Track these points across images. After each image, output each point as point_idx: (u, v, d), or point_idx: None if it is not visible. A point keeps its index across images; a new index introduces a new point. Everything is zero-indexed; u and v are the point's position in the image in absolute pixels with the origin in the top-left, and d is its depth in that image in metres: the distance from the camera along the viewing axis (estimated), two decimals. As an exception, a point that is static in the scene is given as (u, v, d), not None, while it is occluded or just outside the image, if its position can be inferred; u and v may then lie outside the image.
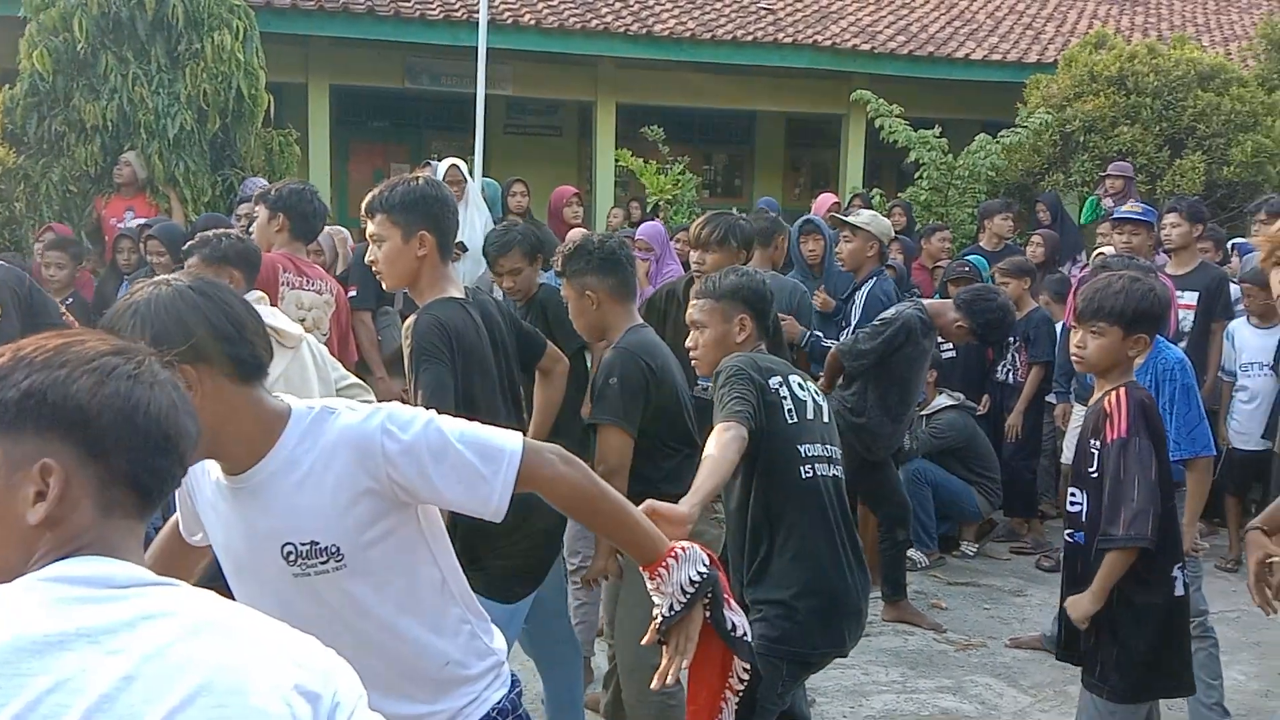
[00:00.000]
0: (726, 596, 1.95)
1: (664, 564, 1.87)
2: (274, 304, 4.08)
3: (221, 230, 4.10)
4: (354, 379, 3.94)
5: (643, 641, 1.96)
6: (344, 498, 1.72)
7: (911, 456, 5.92)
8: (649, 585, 1.89)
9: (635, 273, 3.45)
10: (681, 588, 1.87)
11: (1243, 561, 6.10)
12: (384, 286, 3.07)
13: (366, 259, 2.95)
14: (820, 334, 5.37)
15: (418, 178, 2.94)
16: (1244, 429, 6.10)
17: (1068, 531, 3.08)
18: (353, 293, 5.69)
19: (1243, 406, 6.10)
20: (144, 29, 7.56)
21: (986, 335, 5.08)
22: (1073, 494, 3.06)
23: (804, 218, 6.77)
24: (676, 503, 2.30)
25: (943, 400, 6.28)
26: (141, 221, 6.78)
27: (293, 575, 1.76)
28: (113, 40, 7.53)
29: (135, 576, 1.14)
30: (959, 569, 6.09)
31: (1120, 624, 2.92)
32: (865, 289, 5.71)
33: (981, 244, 8.02)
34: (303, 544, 1.74)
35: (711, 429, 2.77)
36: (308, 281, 4.58)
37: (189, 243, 4.05)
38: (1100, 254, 5.37)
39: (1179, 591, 2.99)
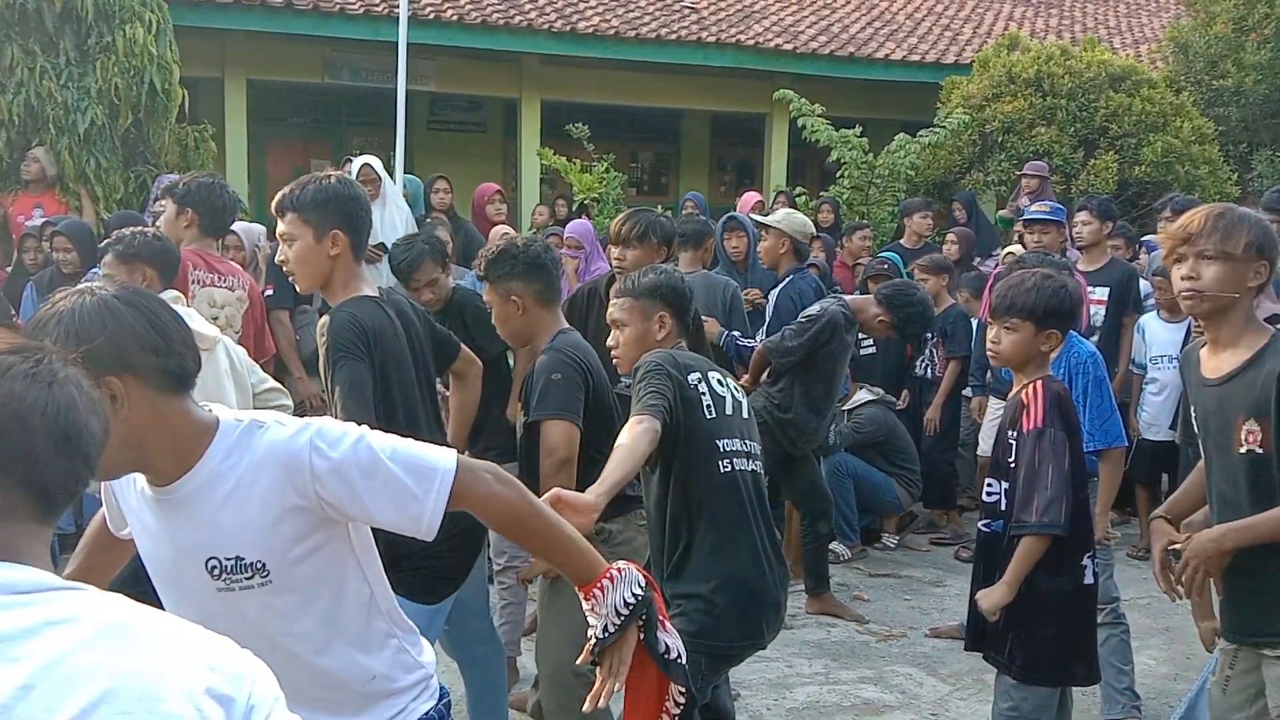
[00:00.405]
0: (662, 619, 1.94)
1: (599, 585, 1.85)
2: (185, 303, 4.00)
3: (137, 228, 4.00)
4: (273, 383, 3.87)
5: (577, 662, 1.94)
6: (271, 514, 1.69)
7: (834, 450, 5.99)
8: (584, 606, 1.88)
9: (559, 276, 3.40)
10: (616, 609, 1.85)
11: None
12: (297, 288, 3.01)
13: (277, 259, 2.88)
14: (738, 334, 5.40)
15: (329, 176, 2.87)
16: (1154, 420, 6.28)
17: (984, 521, 3.15)
18: (269, 291, 5.60)
19: (1152, 398, 6.27)
20: (52, 21, 7.34)
21: (906, 329, 5.16)
22: (990, 484, 3.12)
23: (727, 215, 6.82)
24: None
25: (863, 395, 6.37)
26: (46, 219, 6.59)
27: (216, 589, 1.73)
28: (19, 33, 7.30)
29: (39, 581, 1.10)
30: (880, 561, 6.19)
31: (1028, 611, 2.98)
32: (777, 290, 5.79)
33: (902, 242, 8.15)
34: (227, 559, 1.71)
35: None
36: (219, 278, 4.49)
37: (104, 241, 3.96)
38: (1010, 252, 5.47)
39: (1088, 580, 3.06)
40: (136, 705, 1.04)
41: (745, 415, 3.03)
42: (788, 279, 5.78)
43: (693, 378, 2.92)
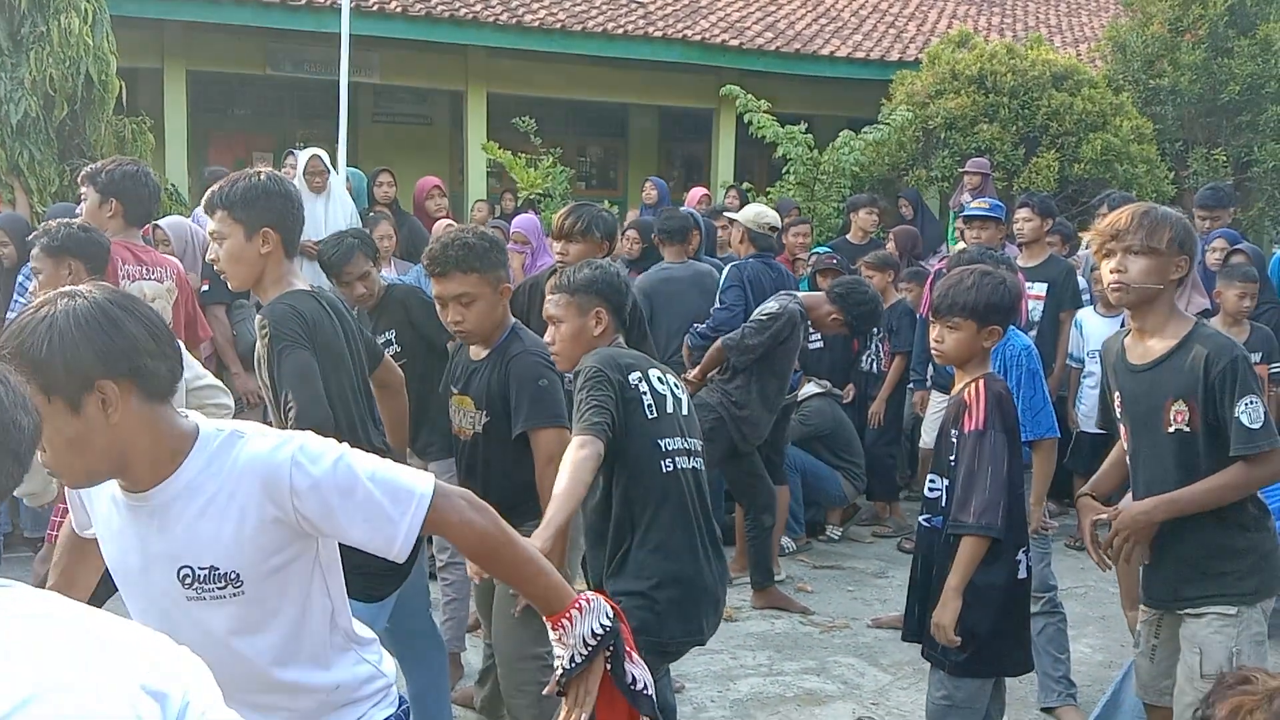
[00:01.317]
0: (629, 650, 1.95)
1: (568, 615, 1.86)
2: None
3: (62, 220, 3.92)
4: (211, 380, 3.80)
5: (544, 693, 1.96)
6: (249, 526, 1.70)
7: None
8: (551, 636, 1.89)
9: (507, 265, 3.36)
10: (584, 640, 1.86)
11: (1091, 539, 6.43)
12: (229, 286, 2.97)
13: (208, 257, 2.85)
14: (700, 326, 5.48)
15: (260, 173, 2.83)
16: (1091, 412, 6.38)
17: (924, 516, 3.18)
18: (205, 287, 5.52)
19: (1090, 391, 6.38)
20: (-17, 10, 7.19)
21: (858, 326, 5.21)
22: (932, 479, 3.16)
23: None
24: None
25: (811, 388, 6.42)
26: None
27: (185, 598, 1.73)
28: (-51, 21, 7.14)
29: None
30: (824, 553, 6.24)
31: (963, 604, 3.02)
32: (725, 271, 5.88)
33: (848, 237, 8.22)
34: (201, 568, 1.71)
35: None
36: (148, 270, 4.39)
37: (32, 234, 3.88)
38: (964, 250, 5.53)
39: (1021, 574, 3.11)
40: (66, 702, 1.04)
41: (685, 412, 3.04)
42: (734, 263, 5.85)
43: (633, 377, 2.92)
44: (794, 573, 5.78)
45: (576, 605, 1.87)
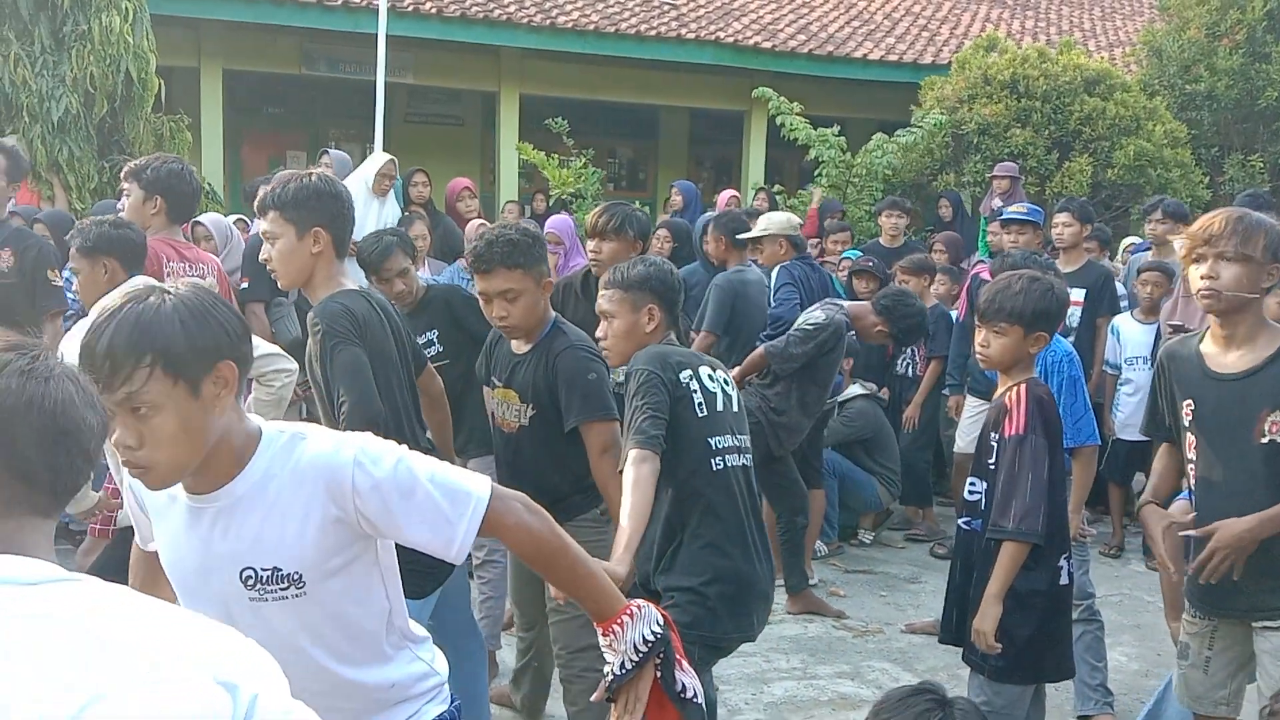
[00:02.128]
0: (679, 658, 1.96)
1: (619, 621, 1.87)
2: None
3: (94, 218, 3.95)
4: (266, 347, 3.78)
5: (592, 699, 1.97)
6: (313, 526, 1.71)
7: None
8: (601, 642, 1.90)
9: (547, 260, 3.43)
10: (634, 646, 1.87)
11: (1125, 548, 6.38)
12: (279, 285, 3.00)
13: (260, 257, 2.88)
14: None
15: (311, 173, 2.88)
16: (1128, 420, 6.33)
17: (964, 519, 3.17)
18: (245, 284, 5.57)
19: (1127, 399, 6.33)
20: (27, 9, 7.28)
21: (902, 338, 5.18)
22: (972, 483, 3.15)
23: (704, 216, 6.87)
24: None
25: (856, 389, 6.38)
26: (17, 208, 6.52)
27: (248, 599, 1.75)
28: (-7, 19, 7.23)
29: (44, 574, 1.11)
30: (856, 557, 6.22)
31: (1004, 611, 3.01)
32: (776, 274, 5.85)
33: (880, 241, 8.18)
34: (264, 569, 1.73)
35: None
36: (191, 267, 4.43)
37: (68, 234, 3.92)
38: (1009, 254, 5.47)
39: (1064, 580, 3.09)
40: (135, 697, 1.04)
41: (736, 409, 3.05)
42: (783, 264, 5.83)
43: (684, 375, 2.93)
44: (826, 577, 5.76)
45: (628, 612, 1.87)
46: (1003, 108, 10.37)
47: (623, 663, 1.87)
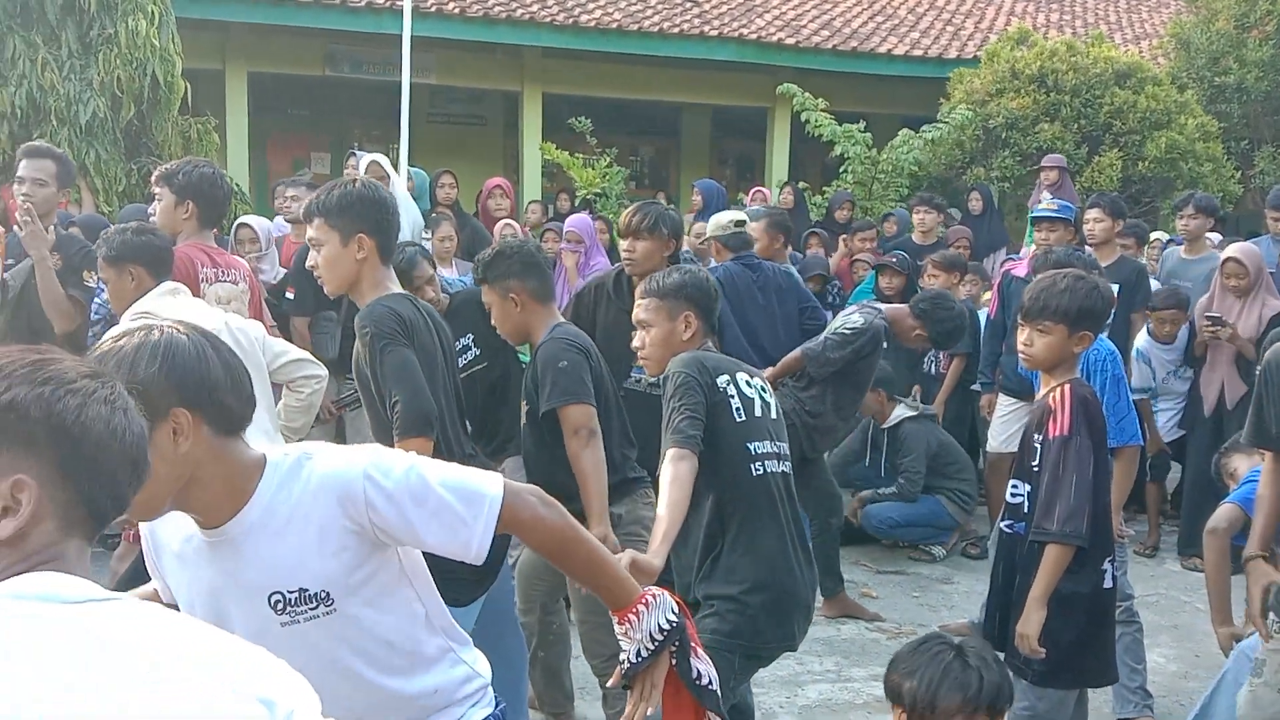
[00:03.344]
0: (694, 645, 1.97)
1: (634, 610, 1.89)
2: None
3: (119, 226, 3.94)
4: (294, 353, 3.79)
5: (609, 684, 1.99)
6: (331, 543, 1.72)
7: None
8: (617, 630, 1.91)
9: (552, 274, 3.58)
10: (650, 635, 1.89)
11: (1160, 547, 6.31)
12: (325, 291, 3.00)
13: (308, 264, 2.89)
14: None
15: (355, 180, 2.89)
16: (1167, 423, 6.29)
17: (1006, 522, 3.12)
18: (289, 296, 5.58)
19: (1164, 405, 6.28)
20: (54, 13, 7.31)
21: (942, 341, 5.10)
22: (1014, 485, 3.10)
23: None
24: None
25: (901, 411, 6.17)
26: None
27: (280, 624, 1.75)
28: (20, 24, 7.26)
29: (88, 593, 1.12)
30: (887, 557, 6.16)
31: (1048, 614, 2.96)
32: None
33: (912, 237, 8.11)
34: (291, 592, 1.73)
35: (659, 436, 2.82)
36: (223, 272, 4.42)
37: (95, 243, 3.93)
38: (1051, 251, 5.36)
39: (1108, 584, 3.05)
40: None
41: (774, 415, 3.03)
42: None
43: (721, 380, 2.92)
44: (857, 578, 5.71)
45: (643, 600, 1.89)
46: (1030, 101, 10.28)
47: (638, 650, 1.89)
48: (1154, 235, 8.79)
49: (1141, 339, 6.17)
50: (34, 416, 1.11)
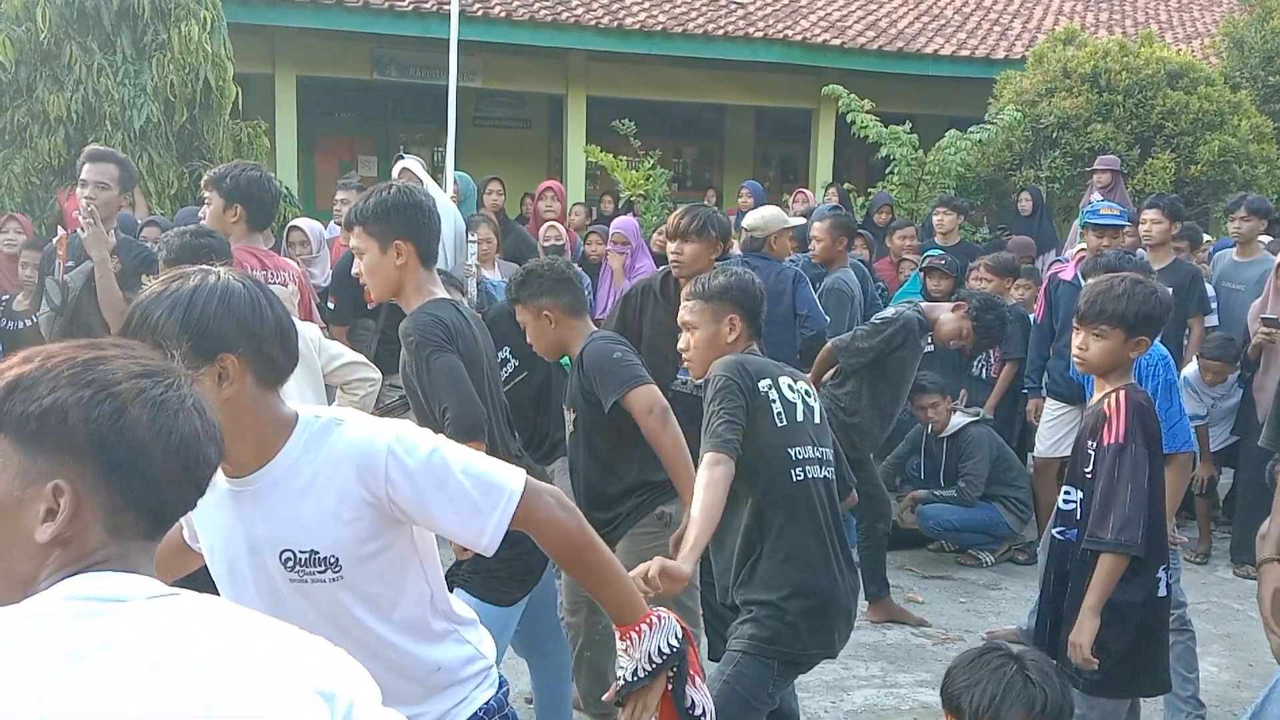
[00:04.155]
0: (693, 673, 1.94)
1: (638, 628, 1.87)
2: None
3: (178, 229, 3.99)
4: (349, 356, 3.81)
5: (603, 698, 1.98)
6: (347, 511, 1.73)
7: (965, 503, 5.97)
8: (618, 646, 1.90)
9: (585, 288, 3.60)
10: (650, 656, 1.87)
11: (1211, 554, 6.21)
12: (371, 297, 3.03)
13: (353, 270, 2.92)
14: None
15: (391, 186, 2.88)
16: (1216, 434, 6.20)
17: (1059, 529, 3.08)
18: (331, 304, 5.63)
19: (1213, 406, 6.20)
20: (109, 19, 7.44)
21: (982, 342, 5.05)
22: (1068, 492, 3.06)
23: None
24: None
25: (960, 419, 6.12)
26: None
27: (289, 580, 1.77)
28: (77, 30, 7.41)
29: (146, 590, 1.13)
30: (933, 562, 6.11)
31: (1100, 621, 2.93)
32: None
33: (936, 240, 8.00)
34: (302, 552, 1.75)
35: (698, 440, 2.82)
36: (272, 275, 4.46)
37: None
38: (1102, 254, 5.28)
39: (1162, 592, 3.00)
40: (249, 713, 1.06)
41: (817, 420, 3.01)
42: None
43: (763, 384, 2.91)
44: (903, 583, 5.67)
45: (647, 620, 1.88)
46: (1083, 101, 10.13)
47: (635, 670, 1.87)
48: (1204, 239, 8.66)
49: (1191, 369, 6.06)
50: (71, 422, 1.10)
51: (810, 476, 2.89)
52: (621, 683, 1.89)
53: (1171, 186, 9.64)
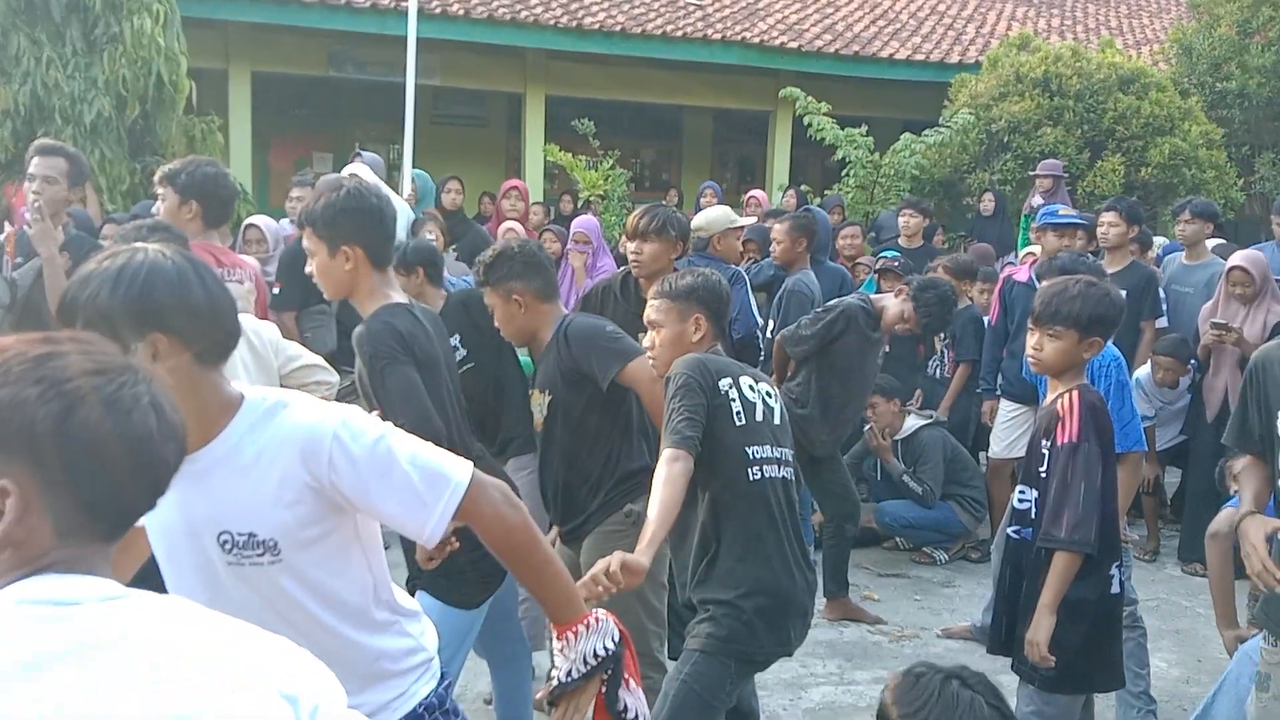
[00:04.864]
0: (628, 677, 1.93)
1: (575, 629, 1.86)
2: None
3: (135, 223, 3.92)
4: (307, 358, 3.76)
5: (537, 696, 1.96)
6: (288, 494, 1.71)
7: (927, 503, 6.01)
8: (555, 645, 1.89)
9: (555, 272, 3.54)
10: (585, 657, 1.85)
11: (1160, 551, 6.32)
12: (325, 296, 2.97)
13: (306, 270, 2.85)
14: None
15: (342, 187, 2.77)
16: (1164, 432, 6.31)
17: (1014, 528, 3.12)
18: (277, 291, 5.56)
19: (1164, 419, 6.31)
20: (59, 11, 7.32)
21: (927, 323, 4.98)
22: (1022, 491, 3.10)
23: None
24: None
25: (914, 421, 6.18)
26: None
27: (226, 563, 1.75)
28: (25, 21, 7.28)
29: (99, 592, 1.10)
30: (888, 560, 6.17)
31: (1054, 621, 2.97)
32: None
33: (899, 241, 8.09)
34: (240, 534, 1.73)
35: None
36: (228, 272, 4.40)
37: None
38: (1029, 254, 5.40)
39: (1114, 589, 3.05)
40: None
41: (777, 421, 3.01)
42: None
43: (723, 384, 2.91)
44: (859, 581, 5.71)
45: (585, 621, 1.87)
46: (1033, 105, 10.29)
47: (570, 670, 1.86)
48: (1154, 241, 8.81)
49: (1144, 371, 6.15)
50: (16, 423, 1.06)
51: (768, 476, 2.90)
52: (555, 683, 1.88)
53: (1122, 190, 9.81)
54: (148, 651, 1.06)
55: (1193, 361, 6.09)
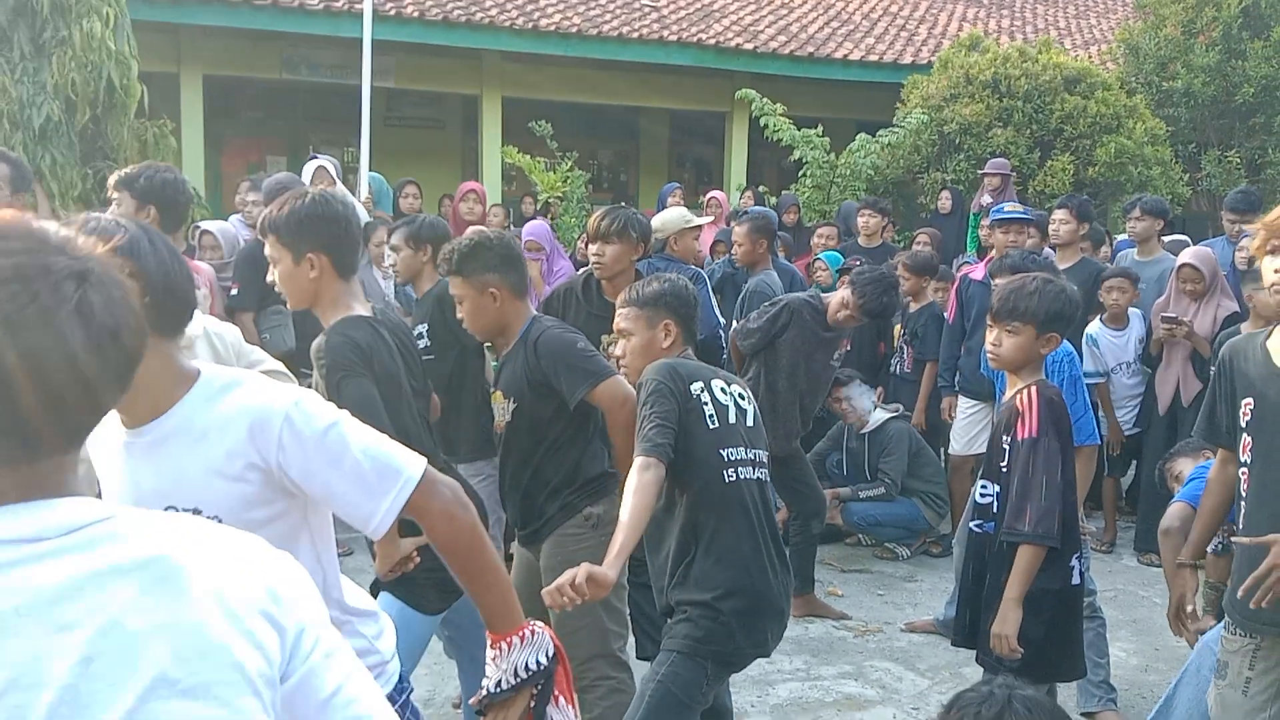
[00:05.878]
0: (557, 694, 1.91)
1: (509, 639, 1.84)
2: None
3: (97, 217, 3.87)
4: (270, 364, 3.71)
5: (470, 702, 1.94)
6: (233, 470, 1.70)
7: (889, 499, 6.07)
8: (488, 653, 1.87)
9: (526, 270, 3.41)
10: (516, 669, 1.84)
11: (1117, 543, 6.43)
12: (288, 305, 2.93)
13: (268, 279, 2.81)
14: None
15: (307, 194, 2.73)
16: (1124, 418, 6.41)
17: (976, 522, 3.17)
18: (234, 291, 5.52)
19: (1119, 406, 6.40)
20: (5, 15, 7.18)
21: (867, 306, 4.85)
22: (983, 486, 3.15)
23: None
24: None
25: (881, 415, 6.23)
26: None
27: None
28: (-29, 26, 7.14)
29: (65, 522, 1.01)
30: (851, 556, 6.23)
31: None
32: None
33: (859, 241, 8.16)
34: (185, 509, 1.71)
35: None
36: None
37: None
38: (1007, 255, 5.39)
39: (1075, 580, 3.11)
40: (200, 664, 1.02)
41: (750, 423, 3.03)
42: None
43: (695, 387, 2.93)
44: (823, 577, 5.76)
45: (520, 633, 1.85)
46: (984, 108, 10.43)
47: (500, 681, 1.84)
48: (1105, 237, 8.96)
49: (1094, 326, 6.27)
50: None
51: (743, 478, 2.92)
52: (484, 692, 1.86)
53: (1071, 187, 9.97)
54: (151, 568, 1.03)
55: (1142, 354, 6.22)
